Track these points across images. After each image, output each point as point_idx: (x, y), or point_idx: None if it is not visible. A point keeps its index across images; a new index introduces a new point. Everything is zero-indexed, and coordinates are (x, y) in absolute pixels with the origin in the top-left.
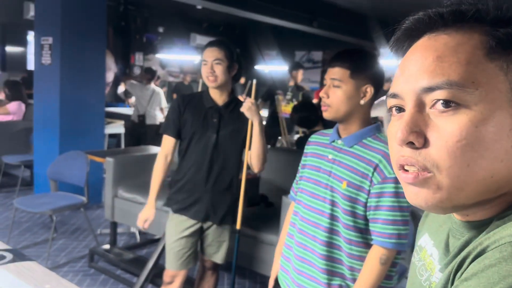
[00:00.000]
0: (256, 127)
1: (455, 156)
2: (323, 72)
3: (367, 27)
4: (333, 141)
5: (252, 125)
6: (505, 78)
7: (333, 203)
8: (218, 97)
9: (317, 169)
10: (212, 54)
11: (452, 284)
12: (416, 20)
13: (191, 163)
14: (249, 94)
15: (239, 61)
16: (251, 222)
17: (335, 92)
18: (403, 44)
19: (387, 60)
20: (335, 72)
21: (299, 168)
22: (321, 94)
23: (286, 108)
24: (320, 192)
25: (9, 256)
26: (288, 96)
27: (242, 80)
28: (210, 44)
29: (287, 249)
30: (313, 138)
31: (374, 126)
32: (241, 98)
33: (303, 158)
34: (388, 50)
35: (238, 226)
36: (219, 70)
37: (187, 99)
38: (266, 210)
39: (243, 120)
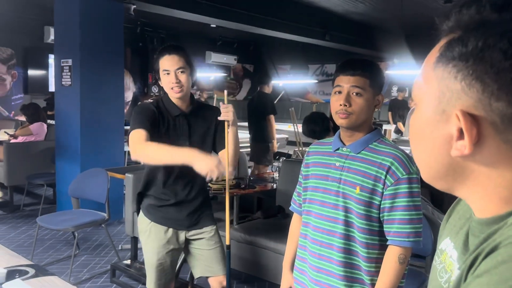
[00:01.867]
0: (232, 130)
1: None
2: None
3: (379, 38)
4: (338, 149)
5: (228, 127)
6: (437, 86)
7: (346, 209)
8: (182, 104)
9: (324, 177)
10: (174, 62)
11: (466, 280)
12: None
13: (165, 173)
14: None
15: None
16: (269, 233)
17: (357, 100)
18: None
19: (398, 70)
20: (356, 81)
21: (300, 179)
22: (342, 102)
23: None
24: (331, 199)
25: (31, 271)
26: None
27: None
28: (167, 52)
29: (300, 262)
30: (312, 148)
31: (377, 131)
32: (222, 105)
33: (303, 169)
34: (399, 61)
35: (227, 241)
36: (184, 78)
37: (157, 108)
38: (283, 222)
39: (209, 122)
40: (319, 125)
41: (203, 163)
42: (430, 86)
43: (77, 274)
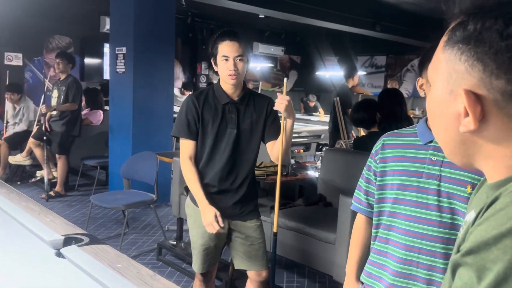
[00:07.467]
0: (289, 124)
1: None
2: (387, 77)
3: (433, 30)
4: (431, 141)
5: (285, 120)
6: (446, 68)
7: (452, 211)
8: (233, 92)
9: (416, 174)
10: (234, 49)
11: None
12: None
13: (214, 162)
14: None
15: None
16: (309, 221)
17: None
18: None
19: None
20: None
21: (369, 176)
22: None
23: None
24: (430, 200)
25: (86, 239)
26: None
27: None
28: (227, 37)
29: (375, 268)
30: (389, 140)
31: None
32: (279, 95)
33: (378, 164)
34: None
35: (275, 228)
36: (241, 66)
37: (202, 98)
38: (324, 210)
39: (260, 111)
40: (372, 114)
41: (203, 216)
42: (440, 68)
43: (125, 251)
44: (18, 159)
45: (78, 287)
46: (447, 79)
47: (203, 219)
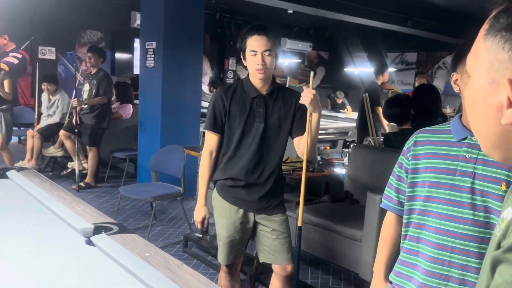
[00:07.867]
0: (315, 118)
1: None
2: (417, 74)
3: (466, 26)
4: (465, 138)
5: (311, 115)
6: (487, 57)
7: (487, 210)
8: (261, 86)
9: (449, 171)
10: (262, 43)
11: None
12: None
13: (241, 155)
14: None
15: None
16: (335, 217)
17: None
18: None
19: None
20: None
21: (400, 174)
22: None
23: None
24: (464, 198)
25: (115, 228)
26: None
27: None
28: (256, 31)
29: (405, 267)
30: (421, 137)
31: None
32: (305, 89)
33: (410, 161)
34: None
35: (299, 223)
36: (270, 61)
37: (230, 91)
38: (351, 207)
39: (288, 105)
40: (405, 109)
41: (196, 212)
42: (481, 58)
43: (152, 242)
44: (51, 151)
45: (107, 274)
46: (489, 68)
47: (195, 214)
